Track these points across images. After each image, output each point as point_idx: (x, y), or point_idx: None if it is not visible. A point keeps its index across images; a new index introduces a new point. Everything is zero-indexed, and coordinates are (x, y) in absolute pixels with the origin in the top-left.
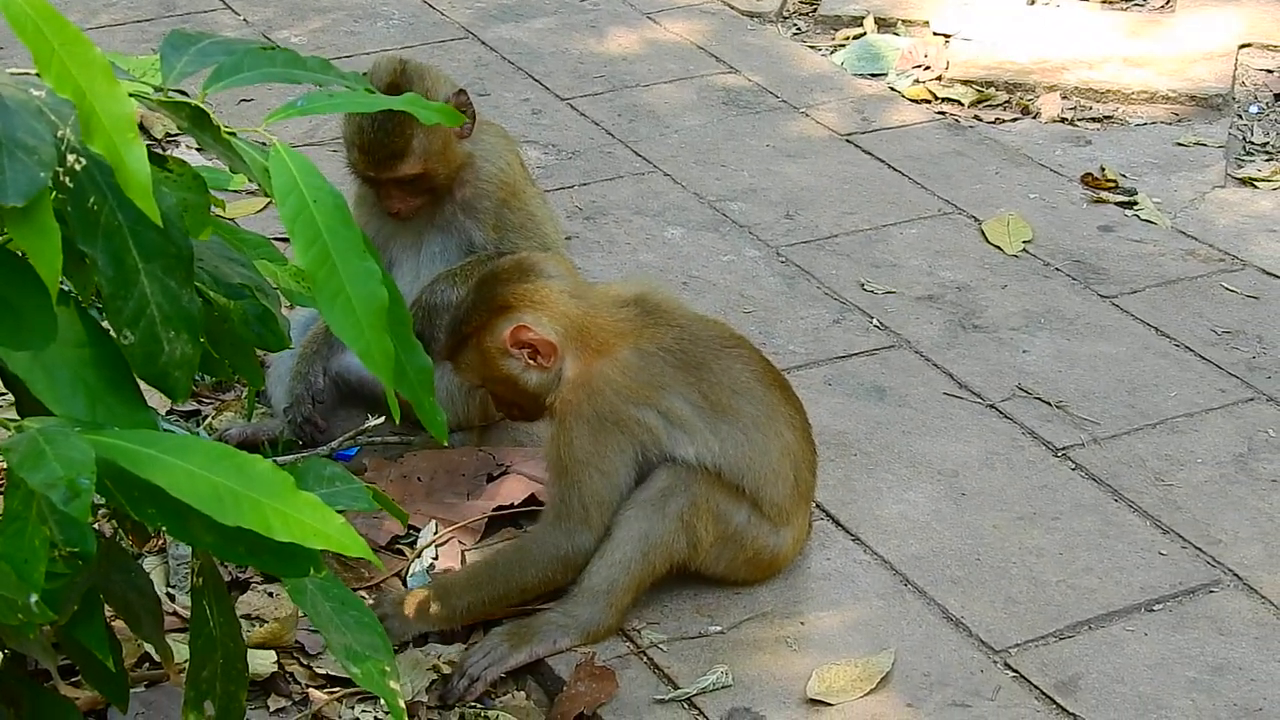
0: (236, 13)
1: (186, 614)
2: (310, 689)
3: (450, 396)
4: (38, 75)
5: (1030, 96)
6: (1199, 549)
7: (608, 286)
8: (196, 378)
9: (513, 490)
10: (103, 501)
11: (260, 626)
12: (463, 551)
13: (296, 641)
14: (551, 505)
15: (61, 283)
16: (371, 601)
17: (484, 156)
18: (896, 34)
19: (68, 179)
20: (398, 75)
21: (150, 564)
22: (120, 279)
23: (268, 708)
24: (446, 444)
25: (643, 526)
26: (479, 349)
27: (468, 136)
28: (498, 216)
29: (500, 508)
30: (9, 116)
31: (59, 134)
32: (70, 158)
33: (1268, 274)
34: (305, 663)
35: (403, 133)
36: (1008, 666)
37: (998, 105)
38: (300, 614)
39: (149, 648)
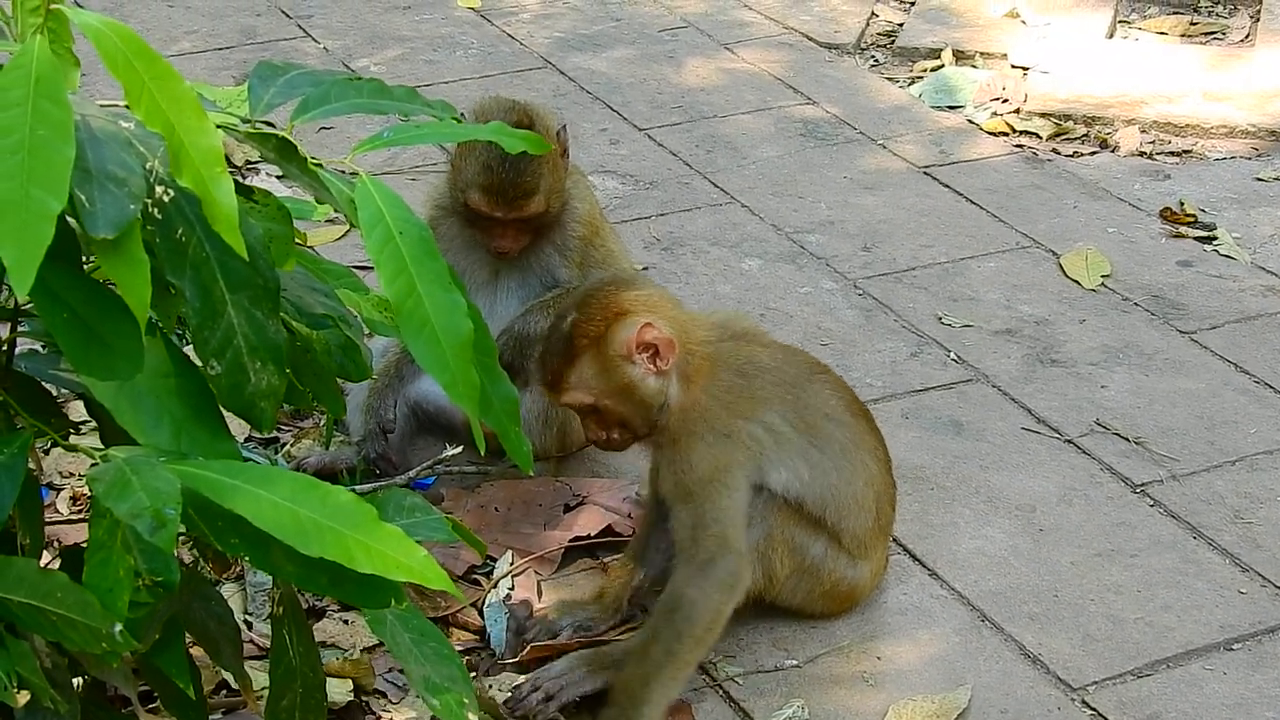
0: (316, 40)
1: (263, 641)
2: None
3: (526, 426)
4: (126, 107)
5: (1109, 130)
6: (1279, 588)
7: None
8: None
9: (589, 521)
10: (184, 529)
11: (338, 659)
12: (538, 582)
13: (376, 674)
14: (684, 545)
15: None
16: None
17: (576, 195)
18: (974, 66)
19: (156, 210)
20: (522, 117)
21: (228, 591)
22: (207, 310)
23: None
24: (531, 473)
25: None
26: (598, 359)
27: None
28: (583, 254)
29: (577, 538)
30: (99, 148)
31: (148, 165)
32: (159, 189)
33: None
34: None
35: (534, 172)
36: (1085, 704)
37: (1076, 139)
38: (378, 659)
39: (227, 675)
